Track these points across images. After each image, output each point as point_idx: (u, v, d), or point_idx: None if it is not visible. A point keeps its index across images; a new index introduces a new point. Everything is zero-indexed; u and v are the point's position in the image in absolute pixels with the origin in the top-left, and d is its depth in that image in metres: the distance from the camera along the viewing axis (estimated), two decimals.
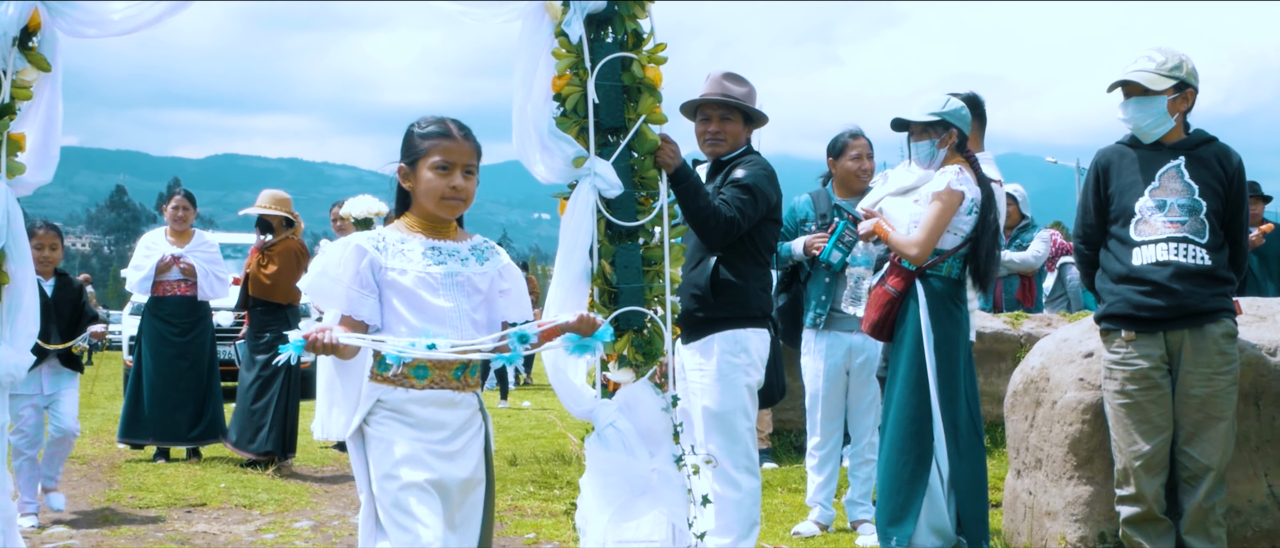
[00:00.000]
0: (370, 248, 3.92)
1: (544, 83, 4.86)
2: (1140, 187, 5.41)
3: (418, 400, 3.89)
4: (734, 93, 5.92)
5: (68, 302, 8.03)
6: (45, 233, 7.88)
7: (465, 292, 3.96)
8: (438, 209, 3.99)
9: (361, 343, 3.71)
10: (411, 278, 3.90)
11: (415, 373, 3.88)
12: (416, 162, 3.99)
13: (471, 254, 4.06)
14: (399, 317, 3.89)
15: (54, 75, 4.85)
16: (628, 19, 4.92)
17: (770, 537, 6.89)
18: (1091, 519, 5.72)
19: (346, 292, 3.86)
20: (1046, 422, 5.95)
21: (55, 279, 8.02)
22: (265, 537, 7.26)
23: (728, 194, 5.62)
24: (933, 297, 6.01)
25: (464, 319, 3.93)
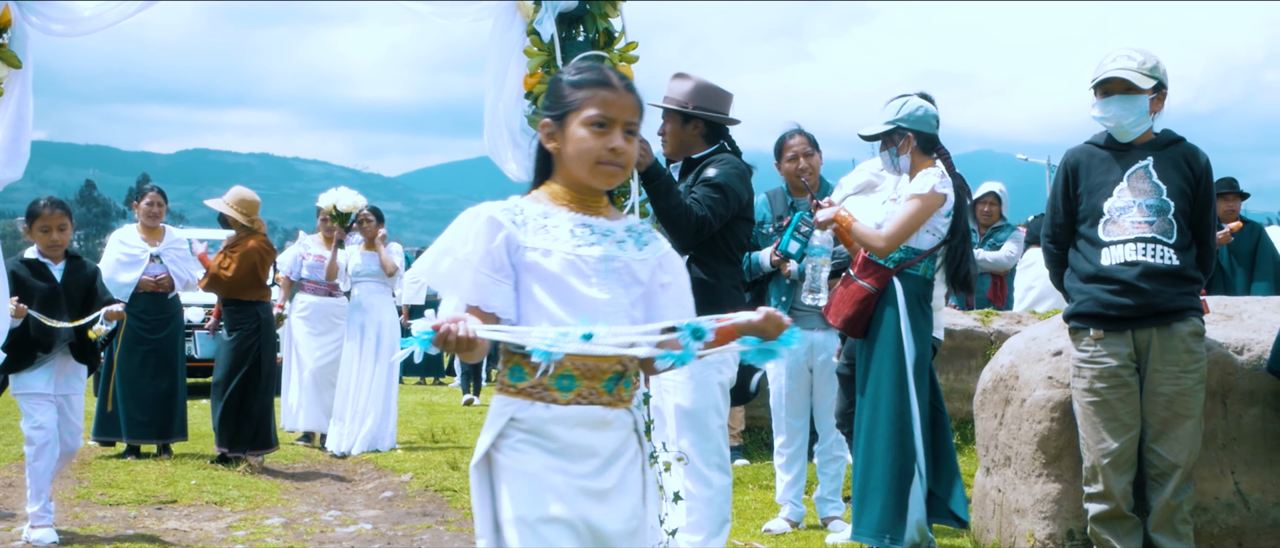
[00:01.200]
0: (506, 221, 3.18)
1: (516, 81, 4.88)
2: (1110, 187, 5.45)
3: (561, 420, 3.13)
4: (670, 92, 5.92)
5: (80, 286, 7.32)
6: (51, 212, 7.27)
7: (623, 281, 3.24)
8: (591, 176, 3.24)
9: (502, 336, 3.02)
10: (558, 260, 3.18)
11: (558, 384, 3.12)
12: (565, 116, 3.25)
13: (629, 236, 3.34)
14: (540, 309, 3.15)
15: (25, 72, 4.84)
16: (599, 17, 4.94)
17: (741, 534, 6.91)
18: (1060, 517, 5.76)
19: (475, 276, 3.13)
20: (1016, 420, 5.99)
21: (66, 262, 7.34)
22: (236, 534, 7.24)
23: (699, 193, 5.63)
24: (910, 296, 6.04)
25: (621, 315, 3.20)
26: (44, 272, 7.21)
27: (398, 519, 7.76)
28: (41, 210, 7.26)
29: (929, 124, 6.15)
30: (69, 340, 7.13)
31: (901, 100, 6.24)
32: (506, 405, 3.15)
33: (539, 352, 2.95)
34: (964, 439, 9.06)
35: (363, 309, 11.32)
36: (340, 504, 8.38)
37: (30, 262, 7.23)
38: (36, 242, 7.26)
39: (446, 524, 7.50)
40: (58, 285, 7.21)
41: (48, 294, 7.10)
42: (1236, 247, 10.50)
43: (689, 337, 3.04)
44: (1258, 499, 5.76)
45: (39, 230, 7.22)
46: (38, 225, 7.22)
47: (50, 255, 7.26)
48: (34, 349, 6.97)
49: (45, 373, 7.10)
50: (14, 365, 6.89)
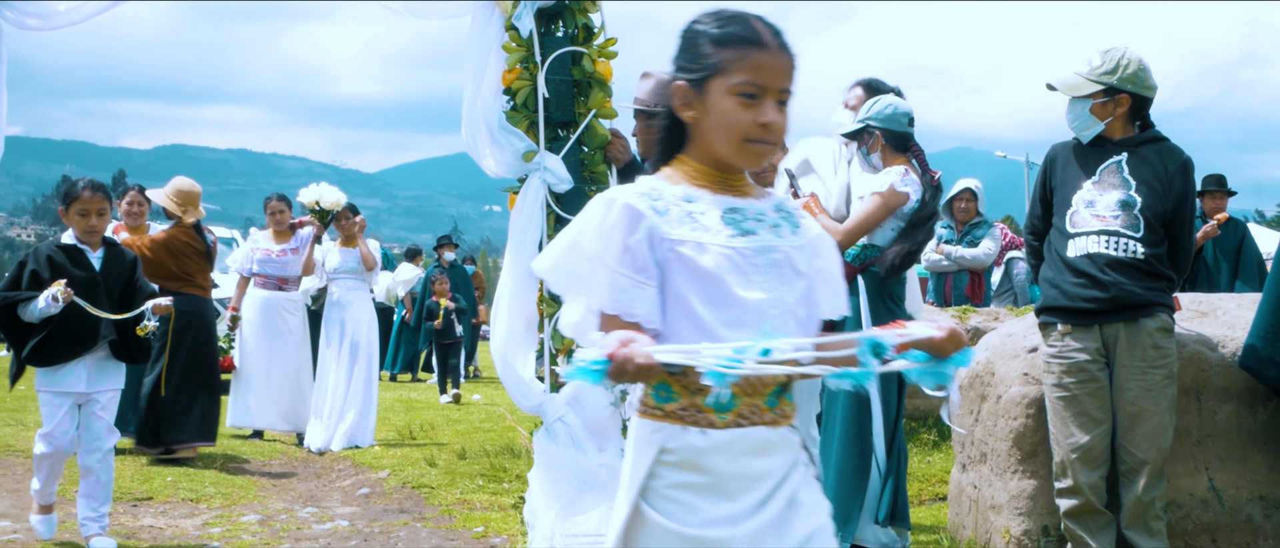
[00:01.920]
0: (646, 209, 2.65)
1: (494, 77, 4.87)
2: (1080, 180, 5.50)
3: (720, 448, 2.63)
4: (636, 93, 5.93)
5: (120, 276, 6.81)
6: (91, 195, 6.72)
7: (784, 275, 2.72)
8: (736, 155, 2.71)
9: (676, 357, 2.44)
10: (713, 256, 2.65)
11: (714, 403, 2.63)
12: (706, 80, 2.70)
13: (782, 219, 2.80)
14: (690, 316, 2.62)
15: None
16: (578, 13, 4.94)
17: None
18: (1035, 513, 5.78)
19: (613, 278, 2.60)
20: (991, 416, 6.01)
21: (104, 249, 6.83)
22: (212, 531, 7.22)
23: None
24: (872, 292, 6.03)
25: (786, 316, 2.70)
26: (82, 259, 6.72)
27: (375, 516, 7.75)
28: (80, 193, 6.74)
29: (898, 122, 6.16)
30: (111, 336, 6.66)
31: (874, 98, 6.26)
32: (654, 433, 2.65)
33: (713, 375, 2.40)
34: (940, 436, 9.09)
35: (341, 306, 11.28)
36: (317, 501, 8.36)
37: (67, 247, 6.73)
38: (73, 226, 6.75)
39: (423, 521, 7.49)
40: (97, 274, 6.70)
41: (86, 283, 6.61)
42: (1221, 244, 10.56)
43: (869, 353, 2.60)
44: (1232, 495, 5.78)
45: (76, 214, 6.73)
46: (75, 209, 6.73)
47: (88, 242, 6.76)
48: (72, 345, 6.55)
49: (77, 370, 6.63)
50: (49, 359, 6.55)
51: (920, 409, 9.33)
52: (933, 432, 9.26)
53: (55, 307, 6.32)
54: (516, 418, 12.70)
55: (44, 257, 6.63)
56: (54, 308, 6.33)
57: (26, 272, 6.60)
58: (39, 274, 6.54)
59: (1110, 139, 5.53)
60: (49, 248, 6.76)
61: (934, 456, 8.82)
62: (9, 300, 6.50)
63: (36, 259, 6.64)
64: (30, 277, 6.56)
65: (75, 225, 6.72)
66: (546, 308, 4.86)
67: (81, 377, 6.63)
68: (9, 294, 6.53)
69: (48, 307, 6.33)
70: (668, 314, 2.62)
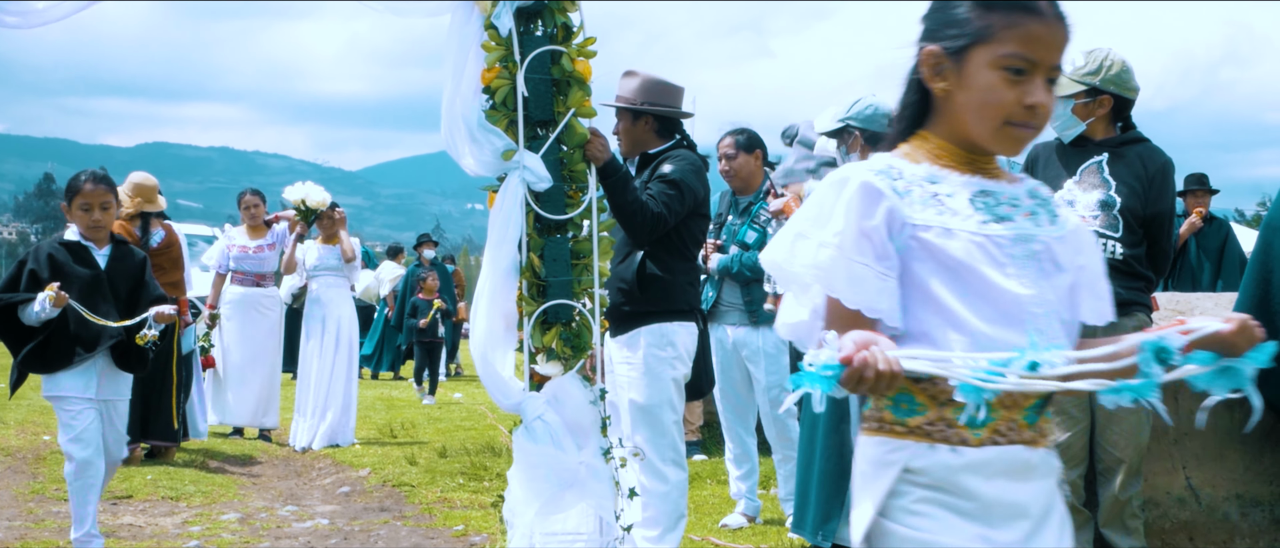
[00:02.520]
0: (886, 188, 2.34)
1: (473, 75, 4.86)
2: (1061, 179, 5.51)
3: (976, 468, 2.29)
4: (620, 91, 5.95)
5: (127, 276, 6.38)
6: (94, 188, 6.29)
7: (1044, 269, 2.39)
8: (992, 139, 2.38)
9: (926, 365, 2.13)
10: (962, 242, 2.32)
11: (968, 420, 2.24)
12: (967, 49, 2.35)
13: (1038, 205, 2.47)
14: (940, 311, 2.31)
15: None
16: (557, 12, 4.93)
17: (698, 529, 6.93)
18: None
19: (849, 267, 2.28)
20: None
21: (111, 247, 6.40)
22: (191, 529, 7.21)
23: (654, 189, 5.64)
24: None
25: (1051, 318, 2.38)
26: (86, 257, 6.29)
27: (355, 515, 7.74)
28: (82, 186, 6.29)
29: (878, 122, 6.16)
30: (115, 340, 6.21)
31: (855, 99, 6.27)
32: (894, 452, 2.31)
33: (967, 389, 2.10)
34: None
35: (321, 303, 11.27)
36: (297, 499, 8.36)
37: (70, 244, 6.30)
38: (77, 222, 6.31)
39: (403, 520, 7.49)
40: (101, 273, 6.26)
41: (90, 283, 6.21)
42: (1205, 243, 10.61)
43: (1152, 360, 2.18)
44: (1208, 494, 5.81)
45: (79, 209, 6.29)
46: (78, 203, 6.29)
47: (93, 238, 6.31)
48: (74, 347, 6.15)
49: (85, 375, 6.21)
50: (49, 364, 6.18)
51: None
52: None
53: (50, 311, 5.98)
54: (497, 416, 12.71)
55: (44, 255, 6.22)
56: (49, 312, 5.99)
57: (25, 271, 6.19)
58: (38, 274, 6.14)
59: (1091, 139, 5.54)
60: (50, 245, 6.34)
61: None
62: (5, 303, 6.13)
63: (36, 258, 6.23)
64: (29, 277, 6.16)
65: (78, 221, 6.31)
66: (526, 306, 4.87)
67: (92, 382, 6.24)
68: (5, 296, 6.15)
69: (43, 311, 5.98)
70: (909, 311, 2.31)
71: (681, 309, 5.78)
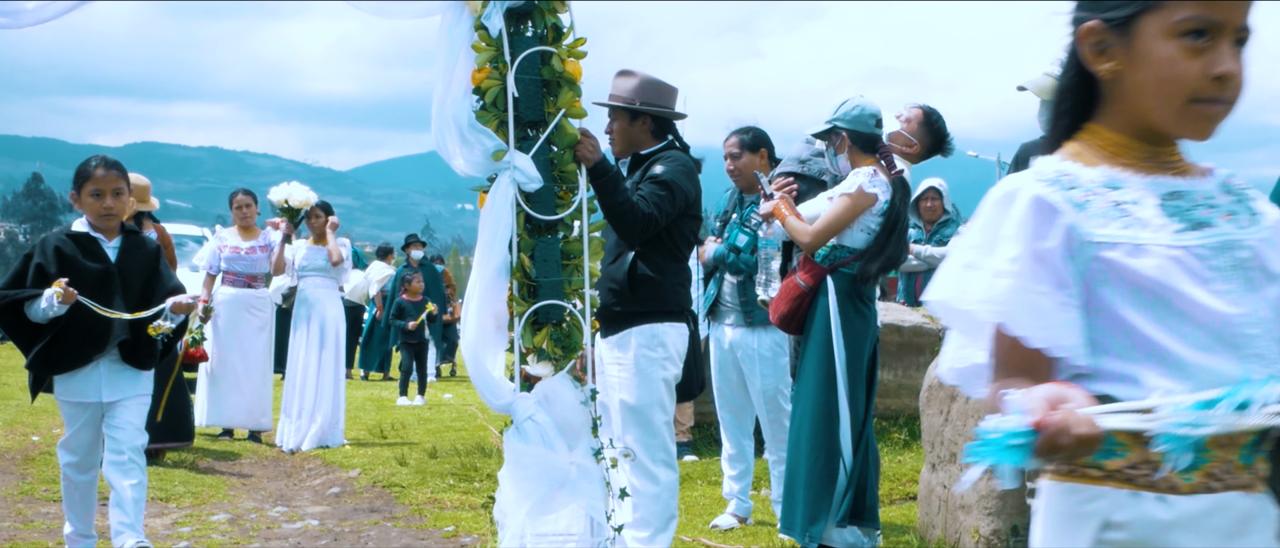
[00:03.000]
0: (1061, 202, 2.02)
1: (463, 76, 4.86)
2: None
3: (1189, 522, 1.96)
4: (616, 90, 5.94)
5: (139, 268, 6.01)
6: (104, 173, 5.89)
7: (1252, 280, 2.03)
8: (1177, 121, 2.02)
9: (1133, 422, 1.82)
10: (1157, 260, 1.99)
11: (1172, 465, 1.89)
12: (1133, 19, 2.01)
13: (1234, 202, 2.11)
14: (1135, 341, 1.99)
15: None
16: (547, 13, 4.93)
17: (689, 530, 6.93)
18: (1005, 512, 5.81)
19: (1027, 298, 1.97)
20: (961, 416, 6.03)
21: (122, 237, 6.02)
22: (181, 530, 7.19)
23: (645, 190, 5.64)
24: (842, 293, 6.03)
25: (1266, 338, 2.01)
26: (95, 249, 5.92)
27: (345, 516, 7.73)
28: (92, 171, 5.87)
29: (865, 123, 6.16)
30: (122, 337, 5.85)
31: (842, 100, 6.29)
32: (1089, 502, 1.99)
33: (1172, 441, 1.81)
34: (911, 436, 9.12)
35: (309, 303, 11.24)
36: (287, 500, 8.34)
37: (78, 236, 5.93)
38: (86, 210, 5.92)
39: (394, 521, 7.48)
40: (112, 266, 5.89)
41: (100, 277, 5.85)
42: None
43: None
44: None
45: (89, 195, 5.87)
46: (88, 189, 5.88)
47: (103, 228, 5.92)
48: (86, 347, 5.82)
49: (88, 377, 5.90)
50: (59, 365, 5.87)
51: (891, 409, 9.36)
52: (903, 431, 9.29)
53: (58, 308, 5.63)
54: (487, 417, 12.70)
55: (51, 248, 5.85)
56: (57, 309, 5.64)
57: (32, 266, 5.82)
58: (45, 269, 5.77)
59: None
60: (57, 237, 5.96)
61: (904, 455, 8.86)
62: (10, 300, 5.76)
63: (43, 251, 5.86)
64: (35, 272, 5.79)
65: (88, 209, 5.90)
66: (517, 306, 4.87)
67: (97, 384, 5.91)
68: (10, 293, 5.78)
69: (50, 308, 5.64)
70: (1096, 344, 1.99)
71: (672, 310, 5.78)
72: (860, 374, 6.03)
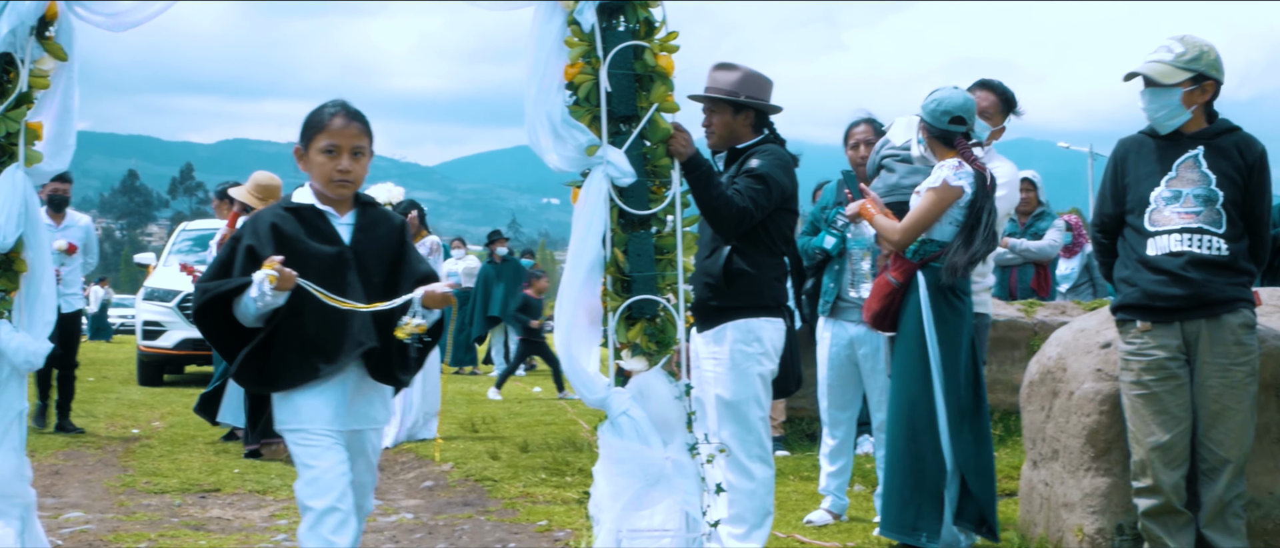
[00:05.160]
0: None
1: (556, 71, 4.86)
2: (1157, 177, 5.38)
3: None
4: (718, 83, 5.90)
5: (381, 253, 4.65)
6: (344, 124, 4.55)
7: None
8: None
9: None
10: None
11: None
12: None
13: None
14: None
15: (70, 64, 4.88)
16: (639, 7, 4.92)
17: (783, 526, 6.89)
18: (1109, 511, 5.71)
19: None
20: (1063, 413, 5.94)
21: (356, 212, 4.68)
22: (279, 522, 7.27)
23: (741, 184, 5.61)
24: (934, 288, 5.96)
25: None
26: (323, 226, 4.57)
27: (438, 509, 7.78)
28: (328, 121, 4.52)
29: (939, 119, 6.08)
30: (367, 345, 4.46)
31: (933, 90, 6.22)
32: None
33: None
34: (1008, 432, 9.01)
35: None
36: (381, 494, 8.41)
37: (301, 210, 4.58)
38: (314, 173, 4.58)
39: (487, 514, 7.52)
40: (345, 249, 4.53)
41: (329, 263, 4.49)
42: None
43: None
44: None
45: (320, 153, 4.53)
46: (320, 144, 4.53)
47: (336, 197, 4.58)
48: (312, 356, 4.45)
49: (328, 395, 4.50)
50: (277, 380, 4.50)
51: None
52: (998, 426, 9.18)
53: (272, 298, 4.32)
54: (578, 411, 12.73)
55: (265, 226, 4.50)
56: (272, 299, 4.32)
57: (241, 249, 4.50)
58: (258, 253, 4.42)
59: (1183, 132, 5.42)
60: (274, 213, 4.58)
61: (1000, 451, 8.75)
62: (215, 293, 4.48)
63: (255, 230, 4.52)
64: (246, 257, 4.46)
65: (317, 171, 4.56)
66: (611, 302, 4.86)
67: (339, 405, 4.53)
68: (214, 284, 4.51)
69: (263, 299, 4.33)
70: None
71: (769, 305, 5.75)
72: (956, 369, 5.96)
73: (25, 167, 4.79)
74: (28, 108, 4.77)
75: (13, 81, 4.75)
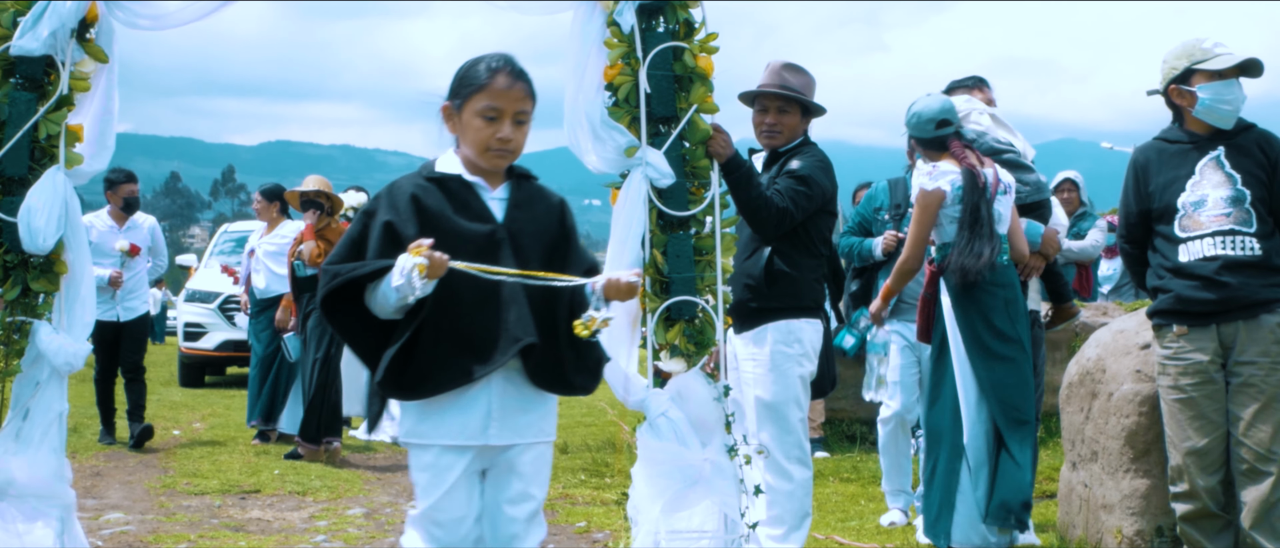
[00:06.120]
0: None
1: (596, 73, 4.86)
2: (1182, 181, 5.33)
3: None
4: (792, 84, 5.88)
5: (538, 234, 3.91)
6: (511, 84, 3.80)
7: None
8: None
9: None
10: None
11: None
12: None
13: None
14: None
15: (111, 66, 4.91)
16: (679, 8, 4.91)
17: (822, 527, 6.87)
18: (1148, 513, 5.66)
19: None
20: (1102, 414, 5.90)
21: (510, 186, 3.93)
22: (318, 524, 7.30)
23: (782, 185, 5.59)
24: (953, 289, 5.95)
25: None
26: (472, 201, 3.83)
27: None
28: (489, 79, 3.77)
29: (923, 128, 6.10)
30: (526, 341, 3.69)
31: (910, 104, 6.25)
32: None
33: None
34: (1049, 433, 8.95)
35: None
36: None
37: (446, 180, 3.84)
38: (467, 139, 3.83)
39: None
40: (498, 227, 3.79)
41: (482, 243, 3.74)
42: None
43: None
44: None
45: (476, 116, 3.79)
46: (476, 105, 3.78)
47: (490, 168, 3.84)
48: (459, 356, 3.69)
49: (464, 406, 3.73)
50: (417, 387, 3.70)
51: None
52: (1041, 428, 9.12)
53: (421, 285, 3.52)
54: (618, 412, 12.72)
55: (405, 197, 3.76)
56: (420, 287, 3.52)
57: (377, 225, 3.73)
58: (397, 231, 3.69)
59: (1197, 135, 5.37)
60: (413, 183, 3.83)
61: (1043, 453, 8.69)
62: (346, 278, 3.68)
63: (392, 203, 3.77)
64: (382, 234, 3.70)
65: (470, 137, 3.81)
66: (649, 302, 4.85)
67: (475, 417, 3.75)
68: (345, 267, 3.71)
69: (406, 285, 3.53)
70: None
71: (808, 306, 5.73)
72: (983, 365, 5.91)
73: (66, 168, 4.82)
74: (68, 110, 4.81)
75: (53, 84, 4.79)
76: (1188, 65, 5.32)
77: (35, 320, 4.83)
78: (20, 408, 4.82)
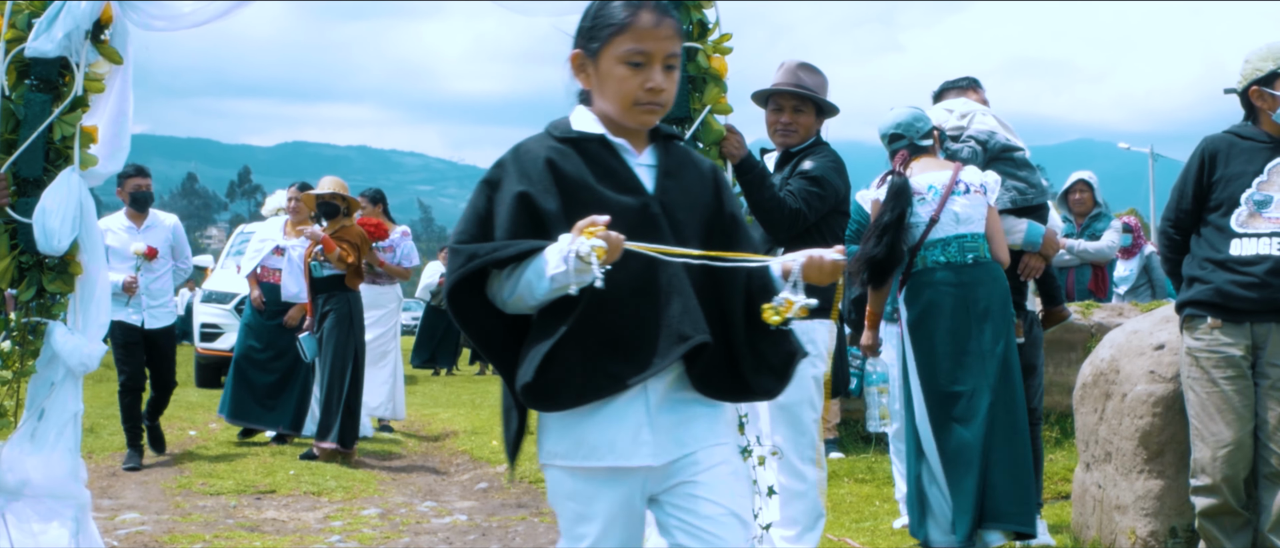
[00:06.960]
0: None
1: None
2: (1249, 178, 5.31)
3: None
4: (808, 83, 5.88)
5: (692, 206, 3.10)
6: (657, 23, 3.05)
7: None
8: None
9: None
10: None
11: None
12: None
13: None
14: None
15: (125, 68, 4.93)
16: (693, 9, 4.91)
17: (836, 528, 6.86)
18: (1162, 514, 5.65)
19: None
20: (1116, 415, 5.88)
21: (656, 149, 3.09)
22: (333, 524, 7.31)
23: (795, 185, 5.59)
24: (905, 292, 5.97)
25: None
26: (618, 167, 3.10)
27: (493, 511, 7.80)
28: (631, 17, 3.04)
29: (886, 143, 6.15)
30: (696, 339, 2.96)
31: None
32: None
33: None
34: (1063, 434, 8.93)
35: None
36: (436, 495, 8.44)
37: (583, 141, 3.09)
38: (606, 93, 3.10)
39: (541, 516, 7.52)
40: (651, 199, 3.06)
41: (634, 218, 2.99)
42: None
43: None
44: None
45: (618, 62, 3.06)
46: (616, 50, 3.06)
47: (636, 126, 3.12)
48: (612, 359, 2.95)
49: (620, 417, 3.00)
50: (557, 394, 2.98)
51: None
52: (1054, 429, 9.10)
53: (584, 272, 2.81)
54: None
55: (539, 163, 3.02)
56: (584, 274, 2.82)
57: (509, 198, 2.99)
58: (534, 203, 2.98)
59: (1273, 136, 5.35)
60: (544, 144, 3.10)
61: (1056, 453, 8.67)
62: (487, 260, 2.94)
63: (523, 170, 3.02)
64: (516, 207, 2.98)
65: (611, 90, 3.09)
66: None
67: (636, 431, 3.01)
68: (483, 248, 2.96)
69: (569, 272, 2.83)
70: None
71: (822, 306, 5.72)
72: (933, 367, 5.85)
73: (80, 170, 4.84)
74: (83, 111, 4.83)
75: (68, 85, 4.81)
76: (1274, 68, 5.29)
77: (50, 321, 4.86)
78: (36, 408, 4.84)
